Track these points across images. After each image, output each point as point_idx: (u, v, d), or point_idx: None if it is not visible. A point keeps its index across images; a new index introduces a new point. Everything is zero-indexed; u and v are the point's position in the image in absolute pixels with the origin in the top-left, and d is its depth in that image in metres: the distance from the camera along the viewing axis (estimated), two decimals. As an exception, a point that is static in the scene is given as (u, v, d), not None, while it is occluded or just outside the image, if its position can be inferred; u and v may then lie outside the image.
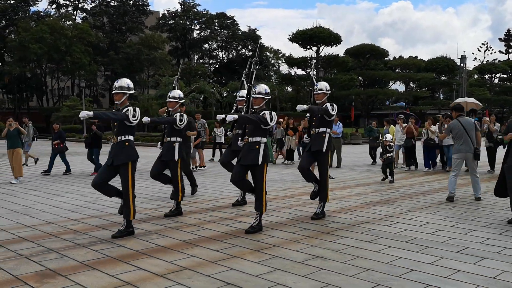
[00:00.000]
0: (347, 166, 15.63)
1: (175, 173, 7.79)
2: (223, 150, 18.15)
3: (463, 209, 8.05)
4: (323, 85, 7.41)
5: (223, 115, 7.65)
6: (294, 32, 44.21)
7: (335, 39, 44.72)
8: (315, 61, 10.30)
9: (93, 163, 14.13)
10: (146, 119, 7.10)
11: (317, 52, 45.08)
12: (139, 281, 4.52)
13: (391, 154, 11.93)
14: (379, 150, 16.52)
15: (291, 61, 47.40)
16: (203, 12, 67.93)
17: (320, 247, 5.74)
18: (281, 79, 51.50)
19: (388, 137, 12.33)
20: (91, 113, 5.73)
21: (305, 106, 6.85)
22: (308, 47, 45.43)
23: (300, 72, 48.30)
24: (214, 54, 72.26)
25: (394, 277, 4.63)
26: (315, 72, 8.65)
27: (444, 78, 58.48)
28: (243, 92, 8.12)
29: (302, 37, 43.79)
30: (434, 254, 5.38)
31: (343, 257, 5.29)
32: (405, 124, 14.92)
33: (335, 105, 7.38)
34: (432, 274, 4.70)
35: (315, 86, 7.43)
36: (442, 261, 5.13)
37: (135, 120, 6.19)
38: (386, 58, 57.55)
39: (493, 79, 68.18)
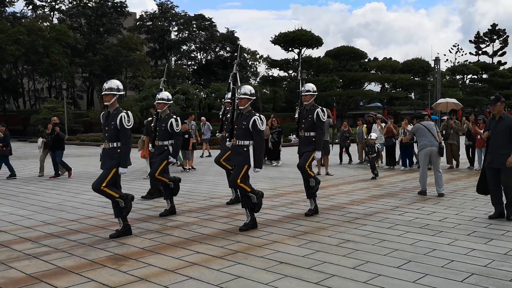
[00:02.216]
0: (340, 164, 16.41)
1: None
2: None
3: (461, 200, 8.90)
4: (310, 86, 7.73)
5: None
6: (277, 35, 45.32)
7: (316, 42, 46.05)
8: (300, 63, 10.76)
9: (54, 167, 13.29)
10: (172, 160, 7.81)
11: (299, 54, 46.16)
12: (203, 262, 5.14)
13: (376, 154, 12.52)
14: (351, 149, 17.15)
15: (273, 63, 48.37)
16: (181, 14, 68.21)
17: (347, 233, 6.45)
18: (263, 80, 52.38)
19: (373, 135, 12.93)
20: (126, 169, 6.20)
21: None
22: (290, 49, 46.57)
23: (282, 73, 49.34)
24: (193, 55, 72.54)
25: (421, 255, 5.37)
26: (301, 75, 8.97)
27: (417, 79, 60.29)
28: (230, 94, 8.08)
29: (284, 39, 44.90)
30: (448, 237, 6.15)
31: (371, 241, 6.02)
32: (384, 124, 15.51)
33: (325, 111, 7.75)
34: (453, 252, 5.46)
35: (302, 88, 7.73)
36: (457, 242, 5.90)
37: (130, 126, 6.20)
38: (362, 60, 59.09)
39: (465, 79, 70.55)
